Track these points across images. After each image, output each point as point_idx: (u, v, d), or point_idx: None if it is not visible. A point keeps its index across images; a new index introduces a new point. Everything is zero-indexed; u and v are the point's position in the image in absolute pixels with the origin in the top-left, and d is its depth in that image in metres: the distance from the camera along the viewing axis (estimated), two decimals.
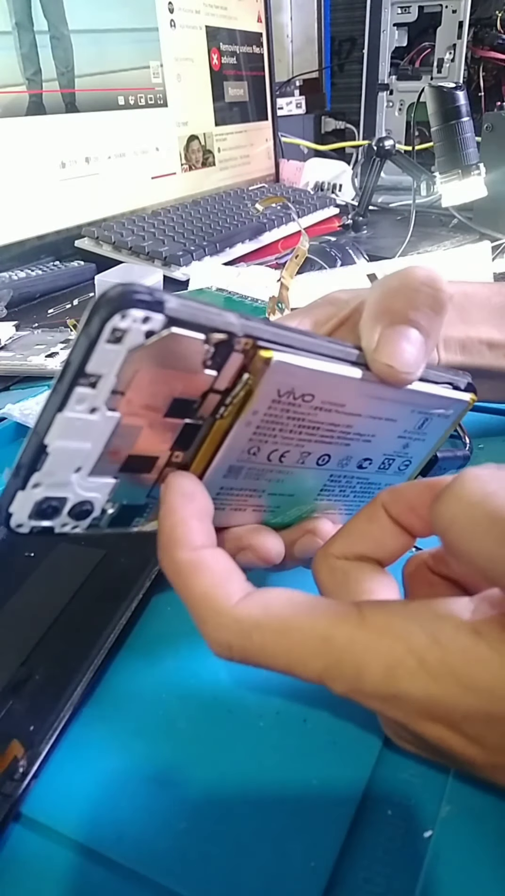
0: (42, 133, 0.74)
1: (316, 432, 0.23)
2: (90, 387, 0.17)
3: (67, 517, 0.19)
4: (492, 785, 0.21)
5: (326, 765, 0.22)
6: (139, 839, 0.20)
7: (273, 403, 0.21)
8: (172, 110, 0.93)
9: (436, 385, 0.25)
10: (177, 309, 0.17)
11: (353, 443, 0.24)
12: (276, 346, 0.20)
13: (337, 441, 0.23)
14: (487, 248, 0.72)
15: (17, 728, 0.23)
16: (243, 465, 0.22)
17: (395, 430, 0.25)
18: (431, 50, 1.19)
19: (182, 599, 0.19)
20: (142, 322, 0.17)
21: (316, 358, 0.21)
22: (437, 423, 0.26)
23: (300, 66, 1.61)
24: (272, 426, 0.21)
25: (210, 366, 0.19)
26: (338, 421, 0.23)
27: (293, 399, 0.21)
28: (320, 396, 0.21)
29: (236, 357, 0.19)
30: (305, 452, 0.23)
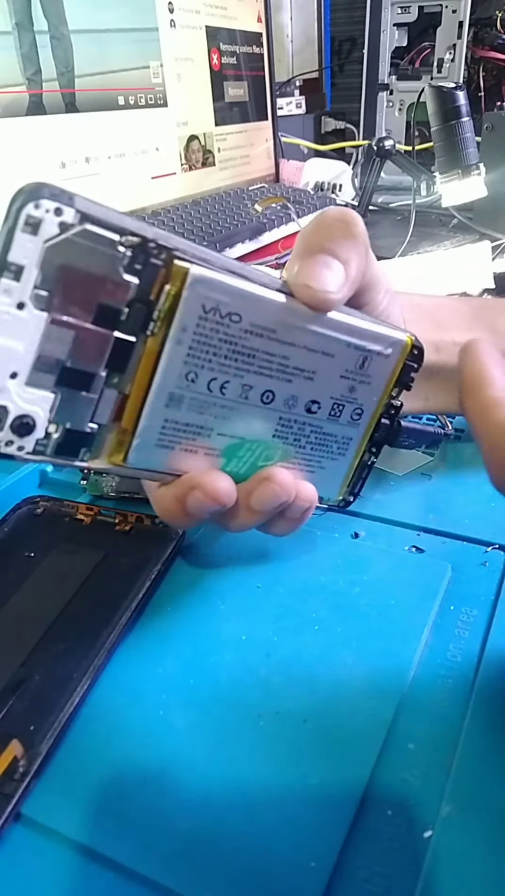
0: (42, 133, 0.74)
1: (252, 361, 0.23)
2: (14, 279, 0.18)
3: (10, 432, 0.20)
4: (492, 785, 0.21)
5: (326, 765, 0.22)
6: (139, 839, 0.20)
7: (200, 321, 0.21)
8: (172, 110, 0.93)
9: (368, 320, 0.25)
10: (88, 205, 0.19)
11: (294, 378, 0.24)
12: (194, 259, 0.21)
13: (277, 375, 0.24)
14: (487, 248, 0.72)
15: (17, 728, 0.23)
16: (184, 394, 0.22)
17: (335, 367, 0.25)
18: (431, 50, 1.19)
19: (484, 435, 0.21)
20: (55, 213, 0.18)
21: (237, 278, 0.22)
22: (379, 365, 0.26)
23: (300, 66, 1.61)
24: (205, 348, 0.22)
25: (130, 271, 0.20)
26: (272, 349, 0.23)
27: (220, 318, 0.22)
28: (248, 318, 0.22)
29: (155, 267, 0.20)
30: (246, 385, 0.23)
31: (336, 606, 0.29)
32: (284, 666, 0.26)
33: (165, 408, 0.22)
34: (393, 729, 0.24)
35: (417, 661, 0.26)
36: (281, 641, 0.27)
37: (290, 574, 0.31)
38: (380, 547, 0.33)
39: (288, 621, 0.28)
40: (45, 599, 0.29)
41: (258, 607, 0.29)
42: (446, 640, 0.27)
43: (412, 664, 0.26)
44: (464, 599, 0.29)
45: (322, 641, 0.27)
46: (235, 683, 0.26)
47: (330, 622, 0.28)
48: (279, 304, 0.23)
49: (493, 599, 0.29)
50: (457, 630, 0.28)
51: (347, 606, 0.29)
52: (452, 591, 0.30)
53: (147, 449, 0.23)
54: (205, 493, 0.24)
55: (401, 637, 0.27)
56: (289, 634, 0.28)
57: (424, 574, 0.31)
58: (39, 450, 0.21)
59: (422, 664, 0.26)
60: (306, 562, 0.32)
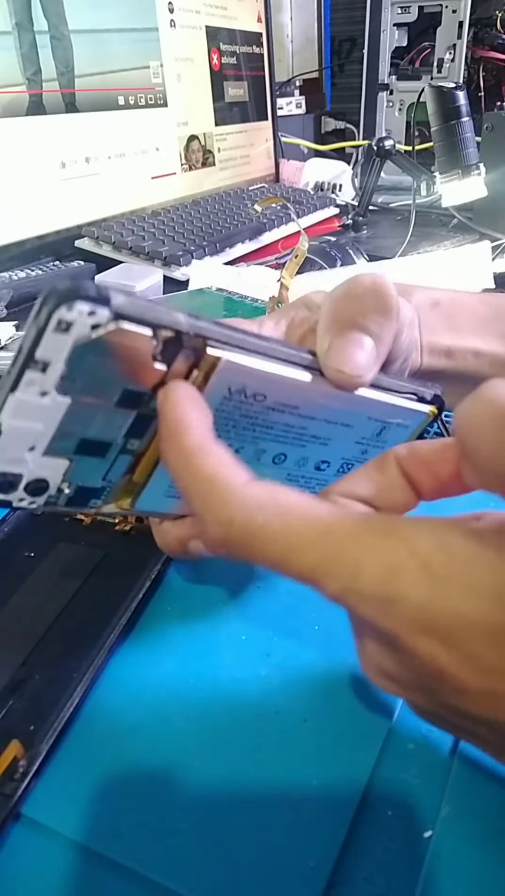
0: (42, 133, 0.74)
1: (270, 431, 0.24)
2: (40, 372, 0.18)
3: (24, 492, 0.21)
4: (492, 785, 0.21)
5: (326, 765, 0.22)
6: (139, 839, 0.20)
7: (224, 401, 0.22)
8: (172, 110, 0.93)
9: (394, 394, 0.26)
10: (123, 305, 0.19)
11: (308, 445, 0.25)
12: (225, 346, 0.21)
13: (292, 441, 0.25)
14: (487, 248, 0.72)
15: (17, 728, 0.23)
16: None
17: (351, 435, 0.26)
18: (431, 50, 1.19)
19: (186, 485, 0.19)
20: (87, 315, 0.18)
21: (267, 360, 0.22)
22: (395, 432, 0.27)
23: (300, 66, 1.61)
24: (225, 422, 0.23)
25: (160, 360, 0.20)
26: (292, 422, 0.24)
27: (244, 398, 0.22)
28: (273, 397, 0.23)
29: (186, 354, 0.20)
30: (260, 450, 0.24)
31: (336, 606, 0.29)
32: (284, 666, 0.26)
33: None
34: (393, 729, 0.24)
35: None
36: (281, 641, 0.27)
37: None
38: None
39: (288, 621, 0.28)
40: (45, 599, 0.29)
41: (258, 607, 0.29)
42: None
43: None
44: None
45: (322, 641, 0.27)
46: (235, 683, 0.26)
47: (330, 622, 0.28)
48: (305, 385, 0.23)
49: None
50: None
51: None
52: None
53: (155, 498, 0.24)
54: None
55: None
56: (289, 634, 0.28)
57: None
58: (51, 503, 0.22)
59: None
60: None
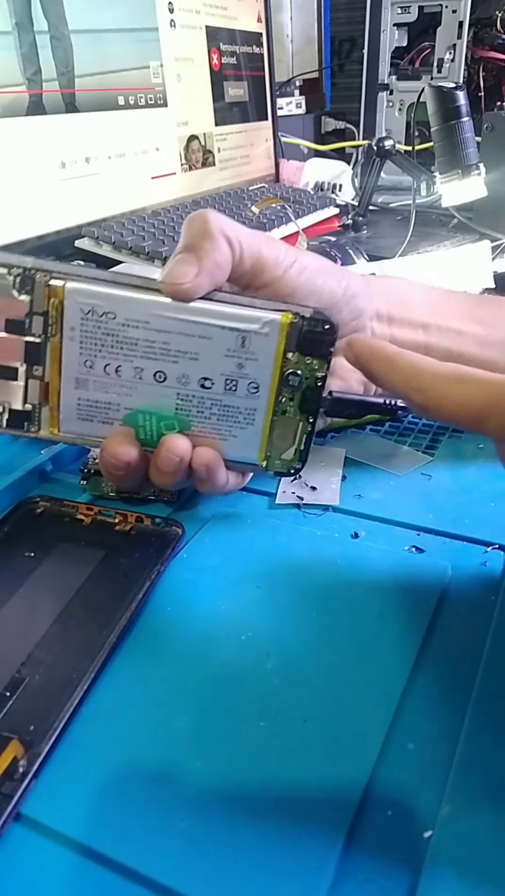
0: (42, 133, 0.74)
1: (136, 347, 0.29)
2: None
3: None
4: (492, 785, 0.21)
5: (326, 765, 0.22)
6: (139, 839, 0.20)
7: (83, 321, 0.28)
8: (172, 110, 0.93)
9: (241, 306, 0.29)
10: None
11: (180, 360, 0.29)
12: (67, 276, 0.28)
13: (161, 357, 0.29)
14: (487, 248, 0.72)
15: (17, 728, 0.23)
16: (87, 378, 0.29)
17: (215, 347, 0.29)
18: (431, 50, 1.19)
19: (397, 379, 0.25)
20: None
21: (108, 286, 0.28)
22: (261, 343, 0.29)
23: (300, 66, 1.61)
24: (92, 339, 0.29)
25: (22, 292, 0.28)
26: (151, 337, 0.29)
27: (98, 317, 0.28)
28: (122, 314, 0.28)
29: (40, 286, 0.28)
30: (137, 368, 0.29)
31: (336, 606, 0.29)
32: (284, 666, 0.26)
33: (75, 389, 0.29)
34: (393, 729, 0.24)
35: (416, 661, 0.26)
36: (281, 641, 0.27)
37: (290, 574, 0.31)
38: (380, 547, 0.33)
39: (288, 621, 0.28)
40: (45, 599, 0.29)
41: (258, 607, 0.29)
42: (446, 640, 0.27)
43: (412, 664, 0.26)
44: (464, 599, 0.29)
45: (322, 641, 0.27)
46: (235, 683, 0.26)
47: (330, 622, 0.28)
48: (145, 300, 0.28)
49: (493, 599, 0.29)
50: (457, 630, 0.28)
51: (347, 606, 0.29)
52: (452, 591, 0.30)
53: (72, 422, 0.30)
54: (109, 454, 0.30)
55: (400, 637, 0.27)
56: (289, 634, 0.28)
57: (424, 574, 0.31)
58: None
59: (422, 664, 0.26)
60: (306, 562, 0.32)
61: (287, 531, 0.34)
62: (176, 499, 0.37)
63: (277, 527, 0.35)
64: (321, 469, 0.39)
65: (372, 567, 0.31)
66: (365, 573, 0.31)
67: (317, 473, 0.38)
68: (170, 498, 0.37)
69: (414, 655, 0.26)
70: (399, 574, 0.31)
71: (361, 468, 0.39)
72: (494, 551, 0.32)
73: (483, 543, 0.32)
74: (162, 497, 0.37)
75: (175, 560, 0.32)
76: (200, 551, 0.33)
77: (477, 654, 0.26)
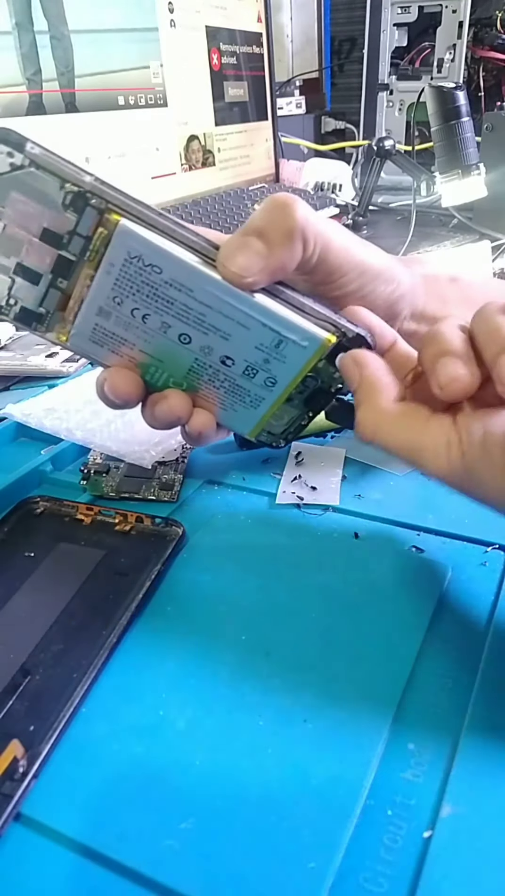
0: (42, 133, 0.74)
1: (171, 306, 0.28)
2: None
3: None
4: (492, 785, 0.21)
5: (326, 765, 0.22)
6: (139, 839, 0.20)
7: (126, 262, 0.27)
8: (172, 110, 0.93)
9: (292, 310, 0.28)
10: (37, 155, 0.25)
11: (210, 333, 0.28)
12: (126, 214, 0.26)
13: (193, 324, 0.28)
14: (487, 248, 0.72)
15: (17, 728, 0.23)
16: (111, 311, 0.28)
17: (249, 338, 0.28)
18: (431, 50, 1.19)
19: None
20: (7, 156, 0.25)
21: (162, 236, 0.26)
22: (295, 351, 0.29)
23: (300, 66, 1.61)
24: (129, 282, 0.27)
25: (70, 210, 0.26)
26: (189, 304, 0.27)
27: (143, 265, 0.27)
28: (168, 273, 0.27)
29: (92, 211, 0.26)
30: (164, 323, 0.28)
31: (336, 606, 0.29)
32: (284, 666, 0.26)
33: (96, 315, 0.28)
34: (393, 729, 0.24)
35: (416, 661, 0.26)
36: (281, 641, 0.27)
37: (290, 574, 0.31)
38: (380, 547, 0.33)
39: (288, 621, 0.28)
40: (45, 599, 0.29)
41: (258, 607, 0.29)
42: (446, 640, 0.27)
43: (412, 664, 0.26)
44: (464, 599, 0.29)
45: (322, 641, 0.27)
46: (235, 683, 0.26)
47: (330, 622, 0.28)
48: (197, 269, 0.27)
49: (493, 599, 0.29)
50: (457, 630, 0.28)
51: (347, 606, 0.29)
52: (452, 591, 0.30)
53: (83, 339, 0.29)
54: (110, 386, 0.29)
55: (401, 637, 0.27)
56: (289, 634, 0.28)
57: (424, 574, 0.31)
58: (4, 312, 0.28)
59: (422, 664, 0.26)
60: (306, 562, 0.32)
61: (287, 531, 0.34)
62: (176, 499, 0.37)
63: (276, 527, 0.35)
64: (321, 469, 0.39)
65: (372, 567, 0.31)
66: (365, 573, 0.31)
67: (317, 473, 0.38)
68: (170, 498, 0.37)
69: (414, 655, 0.26)
70: (399, 574, 0.31)
71: (361, 468, 0.39)
72: (494, 551, 0.32)
73: (483, 543, 0.32)
74: (162, 497, 0.37)
75: (175, 560, 0.32)
76: (200, 551, 0.33)
77: (477, 654, 0.26)
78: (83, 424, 0.42)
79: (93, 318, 0.28)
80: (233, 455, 0.41)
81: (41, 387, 0.50)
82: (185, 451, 0.40)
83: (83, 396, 0.44)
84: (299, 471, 0.39)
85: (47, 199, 0.26)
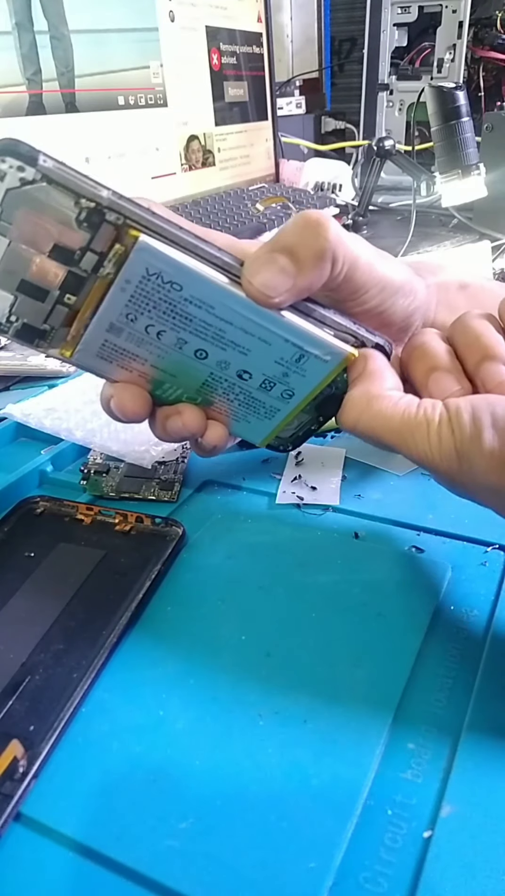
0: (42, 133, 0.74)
1: (189, 323, 0.26)
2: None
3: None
4: (492, 785, 0.21)
5: (326, 765, 0.22)
6: (139, 838, 0.20)
7: (143, 279, 0.25)
8: (172, 110, 0.93)
9: (315, 324, 0.27)
10: (50, 169, 0.23)
11: (228, 349, 0.27)
12: (146, 230, 0.24)
13: (211, 340, 0.27)
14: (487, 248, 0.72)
15: (17, 728, 0.23)
16: (123, 328, 0.26)
17: (270, 352, 0.28)
18: (431, 50, 1.19)
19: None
20: (17, 170, 0.23)
21: (187, 255, 0.25)
22: (316, 365, 0.28)
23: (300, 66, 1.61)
24: (145, 300, 0.26)
25: (84, 227, 0.24)
26: (208, 320, 0.26)
27: (162, 282, 0.25)
28: (189, 290, 0.25)
29: (108, 227, 0.24)
30: (181, 339, 0.27)
31: (336, 606, 0.29)
32: (284, 666, 0.26)
33: (106, 331, 0.26)
34: (393, 729, 0.24)
35: (416, 661, 0.26)
36: (281, 641, 0.27)
37: (290, 574, 0.31)
38: (380, 547, 0.33)
39: (288, 621, 0.28)
40: (45, 599, 0.29)
41: (258, 607, 0.29)
42: (446, 640, 0.27)
43: (412, 664, 0.26)
44: (464, 599, 0.29)
45: (322, 641, 0.27)
46: (235, 683, 0.26)
47: (330, 622, 0.28)
48: (221, 287, 0.26)
49: (493, 599, 0.29)
50: (457, 630, 0.28)
51: (347, 606, 0.29)
52: (452, 591, 0.30)
53: (89, 356, 0.27)
54: (116, 403, 0.28)
55: (400, 637, 0.27)
56: (289, 634, 0.28)
57: (424, 574, 0.31)
58: (4, 329, 0.26)
59: (422, 664, 0.26)
60: (306, 562, 0.32)
61: (287, 531, 0.34)
62: (176, 499, 0.37)
63: (277, 527, 0.35)
64: (321, 469, 0.39)
65: (372, 567, 0.31)
66: (365, 573, 0.31)
67: (317, 474, 0.38)
68: (170, 498, 0.37)
69: (414, 655, 0.26)
70: (399, 574, 0.31)
71: (361, 468, 0.39)
72: (494, 551, 0.32)
73: (483, 543, 0.32)
74: (162, 497, 0.37)
75: (175, 560, 0.32)
76: (200, 551, 0.33)
77: (477, 655, 0.26)
78: (83, 424, 0.42)
79: (102, 334, 0.27)
80: (233, 455, 0.41)
81: (41, 387, 0.50)
82: (185, 451, 0.40)
83: (83, 396, 0.44)
84: (299, 471, 0.39)
85: (60, 215, 0.24)
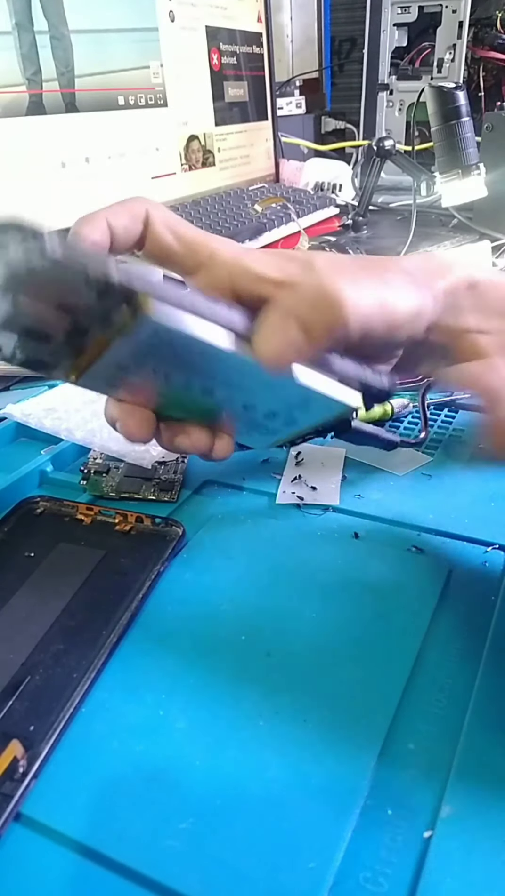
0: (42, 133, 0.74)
1: (196, 370, 0.26)
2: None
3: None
4: (492, 785, 0.21)
5: (326, 765, 0.22)
6: (139, 838, 0.20)
7: (151, 337, 0.24)
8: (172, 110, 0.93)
9: (320, 372, 0.28)
10: (53, 249, 0.21)
11: (235, 390, 0.28)
12: (155, 299, 0.23)
13: (218, 382, 0.27)
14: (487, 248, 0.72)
15: (17, 728, 0.23)
16: (130, 365, 0.26)
17: (277, 394, 0.28)
18: (431, 50, 1.19)
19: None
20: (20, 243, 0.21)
21: (194, 317, 0.24)
22: (321, 407, 0.29)
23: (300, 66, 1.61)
24: (154, 351, 0.25)
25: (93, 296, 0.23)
26: (217, 370, 0.27)
27: (170, 343, 0.25)
28: (197, 350, 0.25)
29: (118, 297, 0.23)
30: (188, 380, 0.27)
31: (336, 606, 0.29)
32: (283, 666, 0.26)
33: (114, 367, 0.26)
34: (393, 729, 0.24)
35: (416, 661, 0.26)
36: (281, 641, 0.27)
37: (290, 574, 0.31)
38: (380, 547, 0.33)
39: (288, 621, 0.28)
40: (45, 599, 0.29)
41: (258, 607, 0.29)
42: (446, 640, 0.27)
43: (412, 663, 0.26)
44: (464, 599, 0.29)
45: (322, 641, 0.27)
46: (235, 683, 0.26)
47: (330, 622, 0.28)
48: (230, 352, 0.25)
49: (493, 599, 0.29)
50: (457, 630, 0.28)
51: (347, 606, 0.29)
52: (452, 591, 0.30)
53: (96, 381, 0.27)
54: (122, 428, 0.29)
55: (401, 637, 0.27)
56: (289, 634, 0.28)
57: (424, 574, 0.31)
58: (7, 358, 0.25)
59: (422, 663, 0.26)
60: (306, 562, 0.32)
61: (287, 531, 0.34)
62: (176, 499, 0.37)
63: (276, 527, 0.35)
64: (321, 469, 0.39)
65: (372, 567, 0.31)
66: (365, 573, 0.31)
67: (317, 474, 0.38)
68: (170, 498, 0.37)
69: (414, 655, 0.26)
70: (399, 574, 0.31)
71: (361, 468, 0.39)
72: (494, 551, 0.32)
73: (483, 543, 0.32)
74: (162, 497, 0.37)
75: (175, 560, 0.32)
76: (200, 551, 0.33)
77: (477, 655, 0.26)
78: (83, 424, 0.42)
79: (110, 369, 0.26)
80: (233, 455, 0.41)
81: (41, 387, 0.50)
82: None
83: (83, 396, 0.44)
84: (299, 471, 0.39)
85: (66, 289, 0.23)
